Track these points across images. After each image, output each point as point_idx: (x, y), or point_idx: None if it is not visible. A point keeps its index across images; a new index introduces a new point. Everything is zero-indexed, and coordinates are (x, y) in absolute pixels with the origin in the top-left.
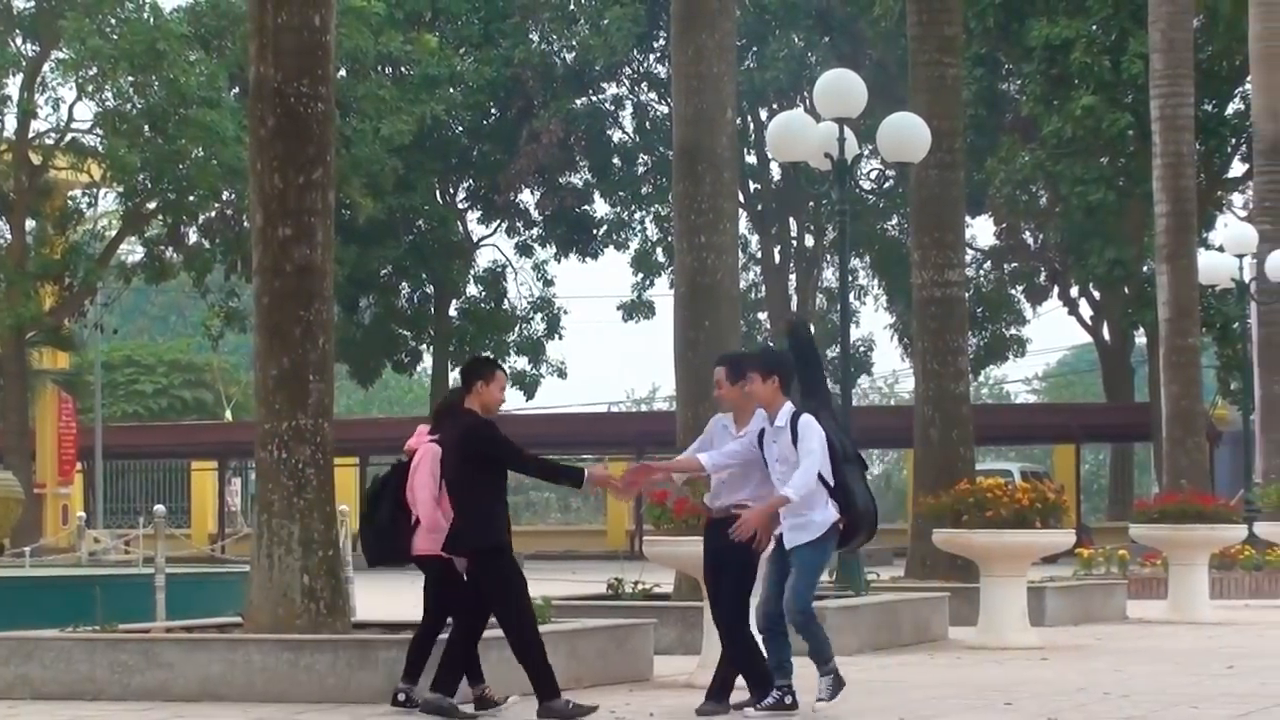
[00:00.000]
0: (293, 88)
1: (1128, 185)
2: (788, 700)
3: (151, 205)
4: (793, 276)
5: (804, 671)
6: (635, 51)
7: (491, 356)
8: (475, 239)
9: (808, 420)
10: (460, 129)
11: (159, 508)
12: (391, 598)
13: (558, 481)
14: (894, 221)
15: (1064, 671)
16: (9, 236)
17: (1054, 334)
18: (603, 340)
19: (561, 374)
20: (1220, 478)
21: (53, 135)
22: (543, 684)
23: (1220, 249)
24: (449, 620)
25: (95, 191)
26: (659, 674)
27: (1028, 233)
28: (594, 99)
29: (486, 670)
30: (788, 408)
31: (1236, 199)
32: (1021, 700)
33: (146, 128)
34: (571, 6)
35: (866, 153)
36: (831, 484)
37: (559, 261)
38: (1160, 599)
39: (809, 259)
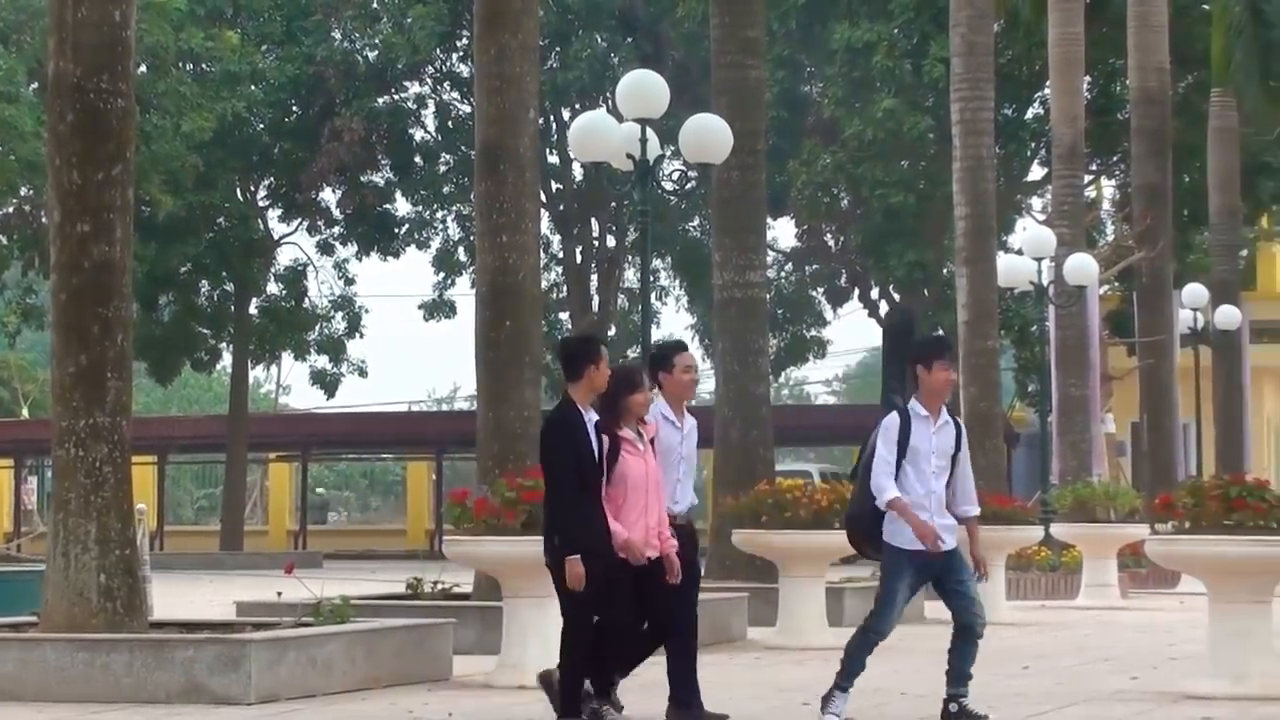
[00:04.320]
0: (92, 83)
1: (928, 188)
2: None
3: None
4: (594, 277)
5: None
6: (438, 50)
7: (592, 335)
8: (276, 237)
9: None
10: (261, 126)
11: None
12: (189, 597)
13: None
14: (696, 222)
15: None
16: None
17: (854, 336)
18: (404, 339)
19: (363, 373)
20: (1017, 479)
21: None
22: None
23: (1019, 252)
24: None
25: None
26: (458, 674)
27: (829, 234)
28: (396, 98)
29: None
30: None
31: (1035, 203)
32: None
33: None
34: (374, 5)
35: (668, 153)
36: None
37: (360, 260)
38: None
39: (610, 259)
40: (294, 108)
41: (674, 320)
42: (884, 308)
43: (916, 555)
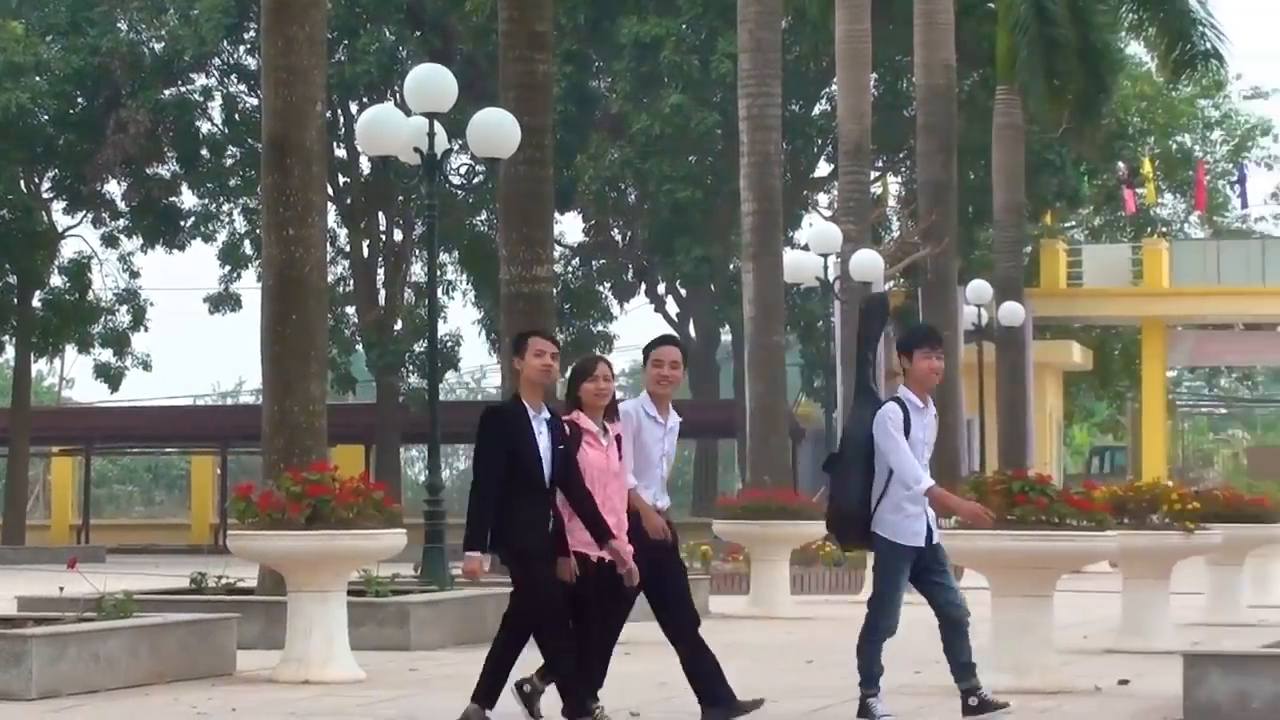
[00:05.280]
0: None
1: (715, 184)
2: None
3: None
4: (381, 271)
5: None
6: (225, 42)
7: (528, 328)
8: (60, 229)
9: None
10: (46, 118)
11: None
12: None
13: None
14: (483, 217)
15: (650, 667)
16: None
17: (641, 331)
18: (189, 333)
19: (147, 367)
20: (803, 474)
21: None
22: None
23: (805, 248)
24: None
25: None
26: (242, 668)
27: (616, 230)
28: (183, 90)
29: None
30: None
31: (822, 199)
32: (607, 698)
33: None
34: None
35: (456, 148)
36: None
37: (145, 253)
38: (742, 594)
39: (397, 253)
40: (79, 99)
41: (461, 314)
42: (671, 303)
43: (912, 550)
